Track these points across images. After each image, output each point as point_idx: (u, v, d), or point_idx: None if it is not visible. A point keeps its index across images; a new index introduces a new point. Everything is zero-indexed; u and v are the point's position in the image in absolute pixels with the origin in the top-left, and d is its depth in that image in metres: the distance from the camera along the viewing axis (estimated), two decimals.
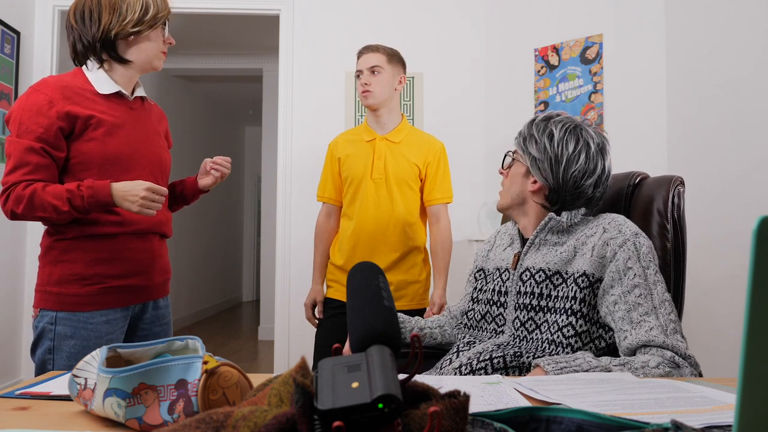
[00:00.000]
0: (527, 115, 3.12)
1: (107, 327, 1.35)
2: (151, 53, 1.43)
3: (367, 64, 1.84)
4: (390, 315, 0.50)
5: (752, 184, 2.17)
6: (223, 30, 4.51)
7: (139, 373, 0.62)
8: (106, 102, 1.39)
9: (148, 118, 1.49)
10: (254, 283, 8.36)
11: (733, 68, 2.28)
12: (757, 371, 0.32)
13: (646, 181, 1.29)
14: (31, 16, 3.27)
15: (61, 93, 1.32)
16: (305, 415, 0.39)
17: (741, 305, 1.90)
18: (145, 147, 1.45)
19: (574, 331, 1.06)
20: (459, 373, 1.10)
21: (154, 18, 1.40)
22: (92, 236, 1.35)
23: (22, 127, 1.29)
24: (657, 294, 1.03)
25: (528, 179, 1.19)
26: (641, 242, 1.06)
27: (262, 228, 5.47)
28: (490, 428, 0.47)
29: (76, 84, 1.36)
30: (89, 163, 1.34)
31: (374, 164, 1.86)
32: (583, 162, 1.13)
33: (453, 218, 3.30)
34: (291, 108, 3.32)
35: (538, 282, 1.12)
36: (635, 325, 1.00)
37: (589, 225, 1.14)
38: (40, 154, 1.29)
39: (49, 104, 1.30)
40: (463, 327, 1.29)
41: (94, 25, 1.37)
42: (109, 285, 1.36)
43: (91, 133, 1.34)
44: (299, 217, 3.25)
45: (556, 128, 1.16)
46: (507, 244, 1.28)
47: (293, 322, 3.22)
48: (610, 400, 0.69)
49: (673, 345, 0.97)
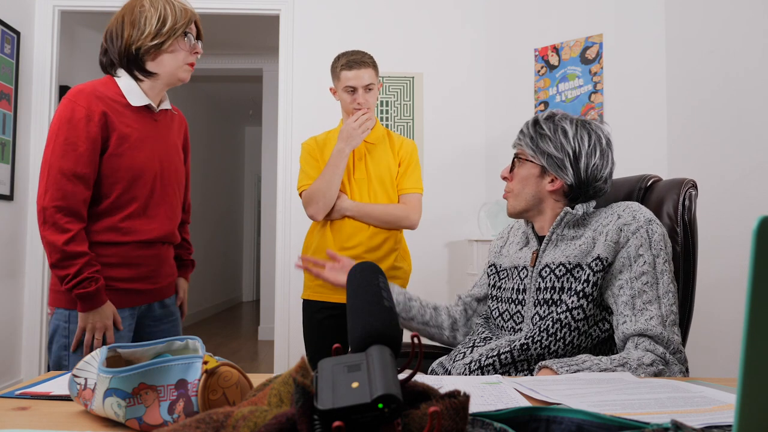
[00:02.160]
0: (527, 115, 3.12)
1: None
2: (175, 65, 1.44)
3: (363, 82, 1.84)
4: (390, 315, 0.50)
5: (752, 184, 2.17)
6: (223, 30, 4.51)
7: (139, 373, 0.62)
8: (133, 114, 1.41)
9: (168, 131, 1.52)
10: (254, 283, 8.37)
11: (733, 68, 2.28)
12: (757, 371, 0.33)
13: (659, 183, 1.28)
14: (31, 16, 3.27)
15: (101, 104, 1.35)
16: (305, 415, 0.39)
17: (741, 305, 1.90)
18: (166, 160, 1.48)
19: (583, 315, 1.07)
20: (468, 369, 1.10)
21: (172, 29, 1.40)
22: (100, 243, 1.38)
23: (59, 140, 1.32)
24: (663, 284, 1.04)
25: (544, 179, 1.17)
26: (654, 229, 1.07)
27: (262, 228, 5.47)
28: (490, 428, 0.47)
29: (109, 95, 1.39)
30: (117, 177, 1.38)
31: (355, 164, 1.88)
32: (599, 155, 1.14)
33: (453, 218, 3.32)
34: (291, 108, 3.32)
35: (559, 276, 1.11)
36: (637, 311, 1.02)
37: (603, 214, 1.14)
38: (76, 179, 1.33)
39: (88, 118, 1.33)
40: (483, 320, 1.29)
41: (118, 41, 1.40)
42: (117, 287, 1.40)
43: (119, 148, 1.37)
44: (299, 217, 3.25)
45: (567, 125, 1.15)
46: (522, 243, 1.26)
47: (293, 322, 3.22)
48: (610, 400, 0.69)
49: (668, 338, 0.99)
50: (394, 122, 3.30)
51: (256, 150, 7.74)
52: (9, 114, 3.09)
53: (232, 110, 7.50)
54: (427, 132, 3.31)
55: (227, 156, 7.67)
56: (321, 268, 1.45)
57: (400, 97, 3.31)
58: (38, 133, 3.24)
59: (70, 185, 1.30)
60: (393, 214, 1.86)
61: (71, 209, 1.31)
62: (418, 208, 1.91)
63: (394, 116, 3.30)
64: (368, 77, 1.85)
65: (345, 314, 0.56)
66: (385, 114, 3.30)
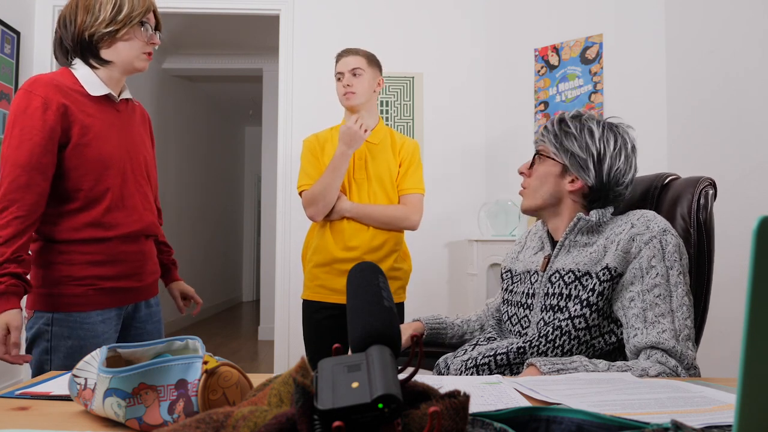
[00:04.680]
0: (527, 115, 3.12)
1: (103, 326, 1.36)
2: (131, 54, 1.39)
3: (348, 67, 1.87)
4: (390, 315, 0.50)
5: (752, 184, 2.17)
6: (223, 30, 4.51)
7: (139, 373, 0.62)
8: (94, 104, 1.37)
9: (132, 121, 1.48)
10: (254, 283, 8.37)
11: (732, 68, 2.28)
12: (757, 371, 0.32)
13: (676, 182, 1.24)
14: (31, 16, 3.27)
15: (57, 93, 1.30)
16: (305, 415, 0.39)
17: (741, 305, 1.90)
18: (133, 150, 1.44)
19: (585, 324, 1.04)
20: (465, 366, 1.10)
21: (128, 17, 1.36)
22: (83, 240, 1.34)
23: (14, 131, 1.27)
24: (677, 297, 1.00)
25: (564, 179, 1.14)
26: (668, 240, 1.03)
27: (262, 228, 5.47)
28: (490, 428, 0.47)
29: (67, 85, 1.34)
30: (86, 168, 1.33)
31: (355, 164, 1.87)
32: (624, 160, 1.11)
33: (453, 218, 3.32)
34: (291, 108, 3.32)
35: (567, 283, 1.09)
36: (648, 324, 0.98)
37: (617, 222, 1.10)
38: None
39: (45, 106, 1.27)
40: (495, 321, 1.30)
41: (72, 27, 1.36)
42: (102, 286, 1.36)
43: (83, 138, 1.33)
44: (299, 217, 3.25)
45: (594, 125, 1.13)
46: (538, 247, 1.25)
47: (293, 322, 3.22)
48: (610, 400, 0.69)
49: (682, 352, 0.95)
50: (394, 122, 3.30)
51: (256, 150, 7.74)
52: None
53: (232, 110, 7.50)
54: (427, 132, 3.31)
55: (227, 156, 7.66)
56: None
57: (400, 97, 3.31)
58: None
59: (24, 177, 1.24)
60: (392, 216, 1.85)
61: (24, 202, 1.24)
62: (418, 208, 1.91)
63: (394, 116, 3.30)
64: (355, 62, 1.87)
65: (345, 314, 0.56)
66: (386, 114, 3.30)
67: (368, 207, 1.85)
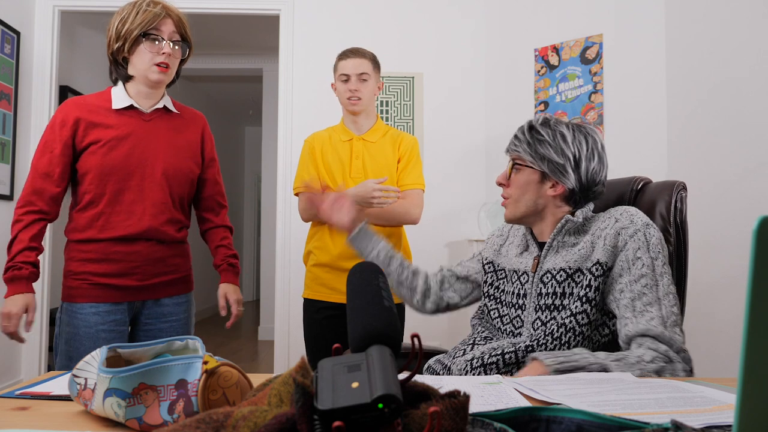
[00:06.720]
0: (527, 115, 3.12)
1: (95, 318, 1.47)
2: (143, 67, 1.48)
3: (357, 70, 1.85)
4: (390, 315, 0.50)
5: (752, 184, 2.17)
6: (223, 30, 4.51)
7: (139, 373, 0.62)
8: (117, 116, 1.50)
9: (163, 129, 1.55)
10: (254, 283, 8.36)
11: (732, 68, 2.28)
12: (757, 371, 0.33)
13: (649, 185, 1.31)
14: (31, 16, 3.27)
15: (77, 109, 1.48)
16: (305, 415, 0.39)
17: (741, 305, 1.90)
18: (152, 157, 1.51)
19: (587, 320, 1.07)
20: (470, 366, 1.11)
21: (128, 32, 1.45)
22: (82, 240, 1.49)
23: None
24: (663, 285, 1.04)
25: (544, 185, 1.16)
26: (651, 233, 1.08)
27: (262, 228, 5.47)
28: (490, 428, 0.47)
29: (93, 102, 1.51)
30: (90, 175, 1.47)
31: (352, 163, 1.88)
32: (597, 159, 1.14)
33: (453, 218, 3.32)
34: (291, 108, 3.32)
35: (560, 282, 1.12)
36: (637, 313, 1.02)
37: (601, 219, 1.14)
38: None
39: (62, 123, 1.47)
40: (478, 320, 1.30)
41: (108, 50, 1.52)
42: (94, 281, 1.48)
43: (92, 147, 1.47)
44: (299, 217, 3.25)
45: (564, 129, 1.15)
46: (522, 248, 1.25)
47: (293, 322, 3.22)
48: (610, 400, 0.69)
49: (670, 337, 0.99)
50: (394, 122, 3.30)
51: (256, 150, 7.74)
52: (9, 114, 3.09)
53: (232, 110, 7.50)
54: (427, 132, 3.31)
55: (227, 156, 7.66)
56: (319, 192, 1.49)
57: (400, 97, 3.31)
58: (38, 133, 3.24)
59: (39, 181, 1.46)
60: (392, 210, 1.85)
61: (36, 203, 1.46)
62: (418, 203, 1.90)
63: (394, 116, 3.30)
64: (363, 66, 1.86)
65: (345, 314, 0.56)
66: (385, 114, 3.30)
67: None
